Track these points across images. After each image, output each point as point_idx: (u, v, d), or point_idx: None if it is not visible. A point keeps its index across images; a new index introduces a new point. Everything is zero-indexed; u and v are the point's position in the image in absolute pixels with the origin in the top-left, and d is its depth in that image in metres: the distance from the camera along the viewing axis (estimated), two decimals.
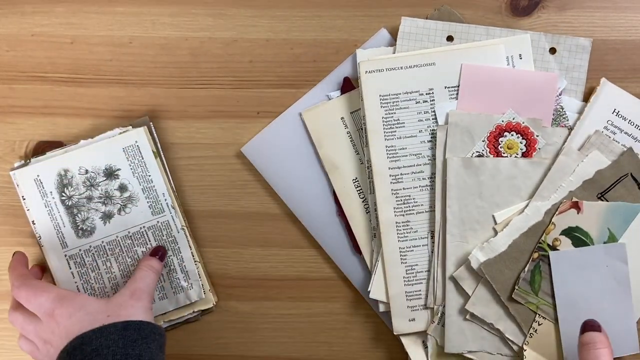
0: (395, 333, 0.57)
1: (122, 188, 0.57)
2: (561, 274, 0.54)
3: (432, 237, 0.56)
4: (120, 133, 0.57)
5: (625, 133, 0.56)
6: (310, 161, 0.59)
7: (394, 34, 0.59)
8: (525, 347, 0.54)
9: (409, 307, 0.56)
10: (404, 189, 0.57)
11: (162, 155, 0.58)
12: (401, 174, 0.57)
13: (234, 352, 0.60)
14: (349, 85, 0.59)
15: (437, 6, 0.59)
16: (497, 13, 0.59)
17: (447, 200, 0.55)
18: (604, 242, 0.54)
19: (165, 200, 0.58)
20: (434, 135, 0.56)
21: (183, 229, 0.58)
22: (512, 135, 0.56)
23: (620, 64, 0.58)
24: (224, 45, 0.60)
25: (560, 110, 0.57)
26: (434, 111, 0.56)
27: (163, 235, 0.58)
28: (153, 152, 0.58)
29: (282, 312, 0.60)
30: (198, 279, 0.58)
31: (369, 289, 0.57)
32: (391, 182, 0.56)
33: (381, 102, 0.56)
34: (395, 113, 0.56)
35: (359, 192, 0.58)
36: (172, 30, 0.60)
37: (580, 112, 0.57)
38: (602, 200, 0.54)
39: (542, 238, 0.54)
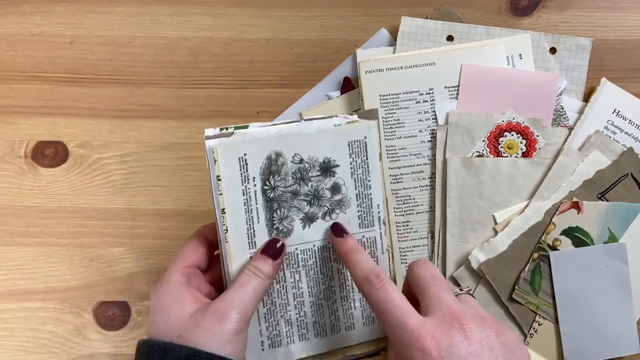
0: None
1: (335, 189, 0.47)
2: (561, 274, 0.54)
3: (432, 237, 0.56)
4: (348, 123, 0.47)
5: (626, 133, 0.56)
6: None
7: (394, 34, 0.59)
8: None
9: None
10: (404, 189, 0.57)
11: (383, 160, 0.49)
12: (401, 174, 0.57)
13: None
14: (349, 85, 0.59)
15: (437, 6, 0.58)
16: (497, 13, 0.59)
17: (447, 200, 0.55)
18: (604, 242, 0.54)
19: (379, 213, 0.48)
20: (434, 135, 0.56)
21: (388, 250, 0.48)
22: (512, 135, 0.56)
23: (620, 63, 0.58)
24: (224, 45, 0.60)
25: (561, 110, 0.57)
26: (434, 111, 0.56)
27: None
28: (379, 154, 0.47)
29: None
30: None
31: None
32: (391, 182, 0.56)
33: (381, 102, 0.56)
34: (395, 113, 0.56)
35: None
36: (172, 30, 0.60)
37: (581, 112, 0.57)
38: (603, 200, 0.54)
39: (542, 238, 0.54)
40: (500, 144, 0.56)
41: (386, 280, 0.41)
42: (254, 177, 0.45)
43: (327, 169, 0.47)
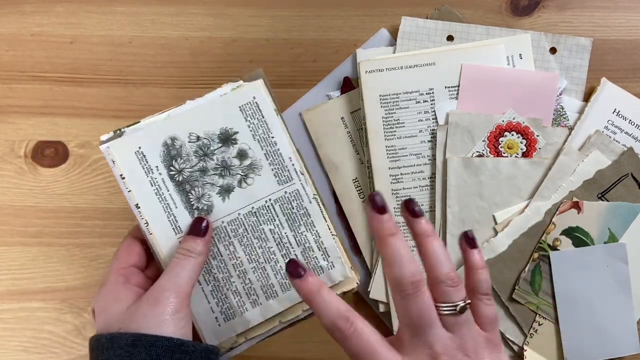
0: (395, 333, 0.57)
1: (242, 155, 0.48)
2: (561, 274, 0.54)
3: None
4: (233, 89, 0.48)
5: (626, 133, 0.56)
6: (310, 161, 0.59)
7: (394, 34, 0.59)
8: (525, 347, 0.54)
9: None
10: (404, 189, 0.56)
11: (281, 114, 0.50)
12: (401, 174, 0.57)
13: None
14: (349, 85, 0.59)
15: (437, 6, 0.58)
16: (498, 13, 0.59)
17: (447, 201, 0.55)
18: (605, 242, 0.54)
19: (293, 165, 0.49)
20: (434, 135, 0.56)
21: (315, 198, 0.49)
22: (513, 135, 0.56)
23: (620, 63, 0.58)
24: (224, 45, 0.60)
25: (561, 110, 0.57)
26: (434, 111, 0.56)
27: (293, 208, 0.49)
28: (274, 109, 0.49)
29: None
30: (339, 255, 0.49)
31: (368, 289, 0.57)
32: (391, 182, 0.56)
33: (381, 102, 0.56)
34: (395, 113, 0.56)
35: (359, 192, 0.58)
36: (172, 30, 0.60)
37: (581, 112, 0.57)
38: (603, 200, 0.54)
39: (543, 238, 0.54)
40: (500, 144, 0.56)
41: (356, 321, 0.38)
42: (157, 166, 0.48)
43: (226, 138, 0.48)
